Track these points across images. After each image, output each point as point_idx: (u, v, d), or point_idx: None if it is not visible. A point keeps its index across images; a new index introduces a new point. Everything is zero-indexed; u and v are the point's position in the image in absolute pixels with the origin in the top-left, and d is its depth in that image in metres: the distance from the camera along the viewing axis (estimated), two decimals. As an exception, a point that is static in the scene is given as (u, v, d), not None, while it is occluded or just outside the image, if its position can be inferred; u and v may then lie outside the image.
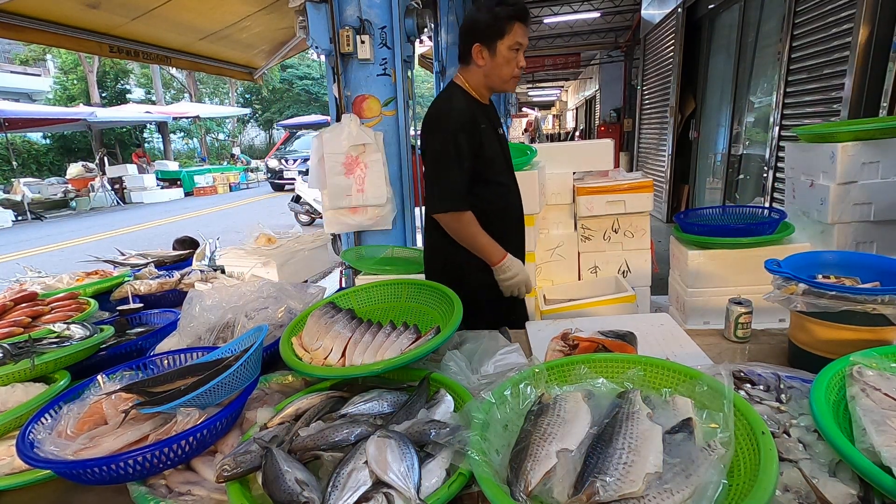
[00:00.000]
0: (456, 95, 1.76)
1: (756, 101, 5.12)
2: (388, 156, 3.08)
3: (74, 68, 21.01)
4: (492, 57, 1.70)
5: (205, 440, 0.98)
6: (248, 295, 1.60)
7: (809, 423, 0.91)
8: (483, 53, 1.70)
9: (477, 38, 1.69)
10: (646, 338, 1.41)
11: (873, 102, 3.18)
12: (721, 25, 6.09)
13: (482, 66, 1.73)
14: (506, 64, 1.71)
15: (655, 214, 7.44)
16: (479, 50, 1.70)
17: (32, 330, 1.51)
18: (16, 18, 3.46)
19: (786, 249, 2.17)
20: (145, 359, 1.29)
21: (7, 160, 15.32)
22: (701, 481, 0.70)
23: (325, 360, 1.22)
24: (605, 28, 12.81)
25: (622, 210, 3.03)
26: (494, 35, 1.67)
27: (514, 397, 0.95)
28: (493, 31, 1.66)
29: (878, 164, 2.13)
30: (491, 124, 1.83)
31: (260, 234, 3.03)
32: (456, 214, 1.74)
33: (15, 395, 1.21)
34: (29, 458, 0.93)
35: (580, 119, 22.10)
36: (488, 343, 1.35)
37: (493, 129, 1.84)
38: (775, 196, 4.36)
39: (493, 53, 1.69)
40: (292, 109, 28.91)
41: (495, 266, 1.77)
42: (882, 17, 3.12)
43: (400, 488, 0.78)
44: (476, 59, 1.72)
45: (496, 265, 1.77)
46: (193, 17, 4.45)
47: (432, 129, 1.76)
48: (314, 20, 2.89)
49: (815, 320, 1.19)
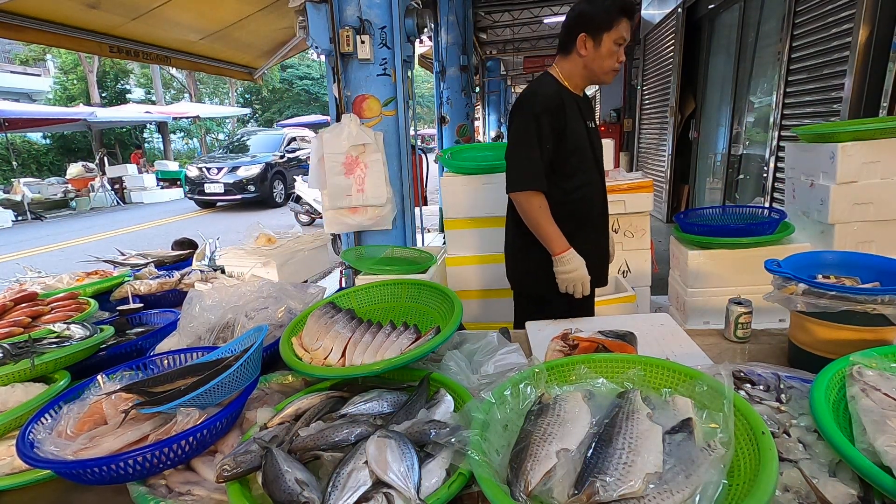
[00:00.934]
0: (546, 82, 1.79)
1: (756, 101, 5.12)
2: (388, 156, 3.08)
3: (74, 68, 21.00)
4: (595, 48, 1.71)
5: (205, 440, 0.98)
6: (248, 295, 1.60)
7: (809, 423, 0.91)
8: (587, 44, 1.71)
9: (584, 29, 1.70)
10: (646, 338, 1.41)
11: (873, 102, 3.18)
12: (721, 25, 6.09)
13: (584, 57, 1.74)
14: (608, 56, 1.73)
15: (655, 214, 7.43)
16: (585, 40, 1.71)
17: (32, 330, 1.51)
18: (16, 18, 3.46)
19: (786, 249, 2.17)
20: (145, 359, 1.29)
21: (7, 160, 15.30)
22: (701, 481, 0.70)
23: (325, 360, 1.22)
24: (605, 28, 12.78)
25: (622, 210, 3.03)
26: (602, 27, 1.68)
27: (514, 397, 0.95)
28: (602, 22, 1.68)
29: (878, 164, 2.13)
30: (581, 114, 1.83)
31: (260, 234, 3.03)
32: (528, 194, 1.75)
33: (15, 395, 1.21)
34: (29, 458, 0.93)
35: (580, 119, 22.07)
36: (488, 343, 1.34)
37: (583, 120, 1.84)
38: (775, 196, 4.36)
39: (597, 45, 1.71)
40: (292, 109, 28.91)
41: (555, 256, 1.77)
42: (882, 17, 3.12)
43: (400, 488, 0.78)
44: (579, 49, 1.73)
45: (556, 255, 1.77)
46: (193, 17, 4.45)
47: (516, 111, 1.78)
48: (314, 20, 2.89)
49: (815, 320, 1.19)
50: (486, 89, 14.56)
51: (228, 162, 12.45)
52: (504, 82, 17.38)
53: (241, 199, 12.05)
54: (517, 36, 12.88)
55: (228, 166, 12.24)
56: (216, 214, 12.12)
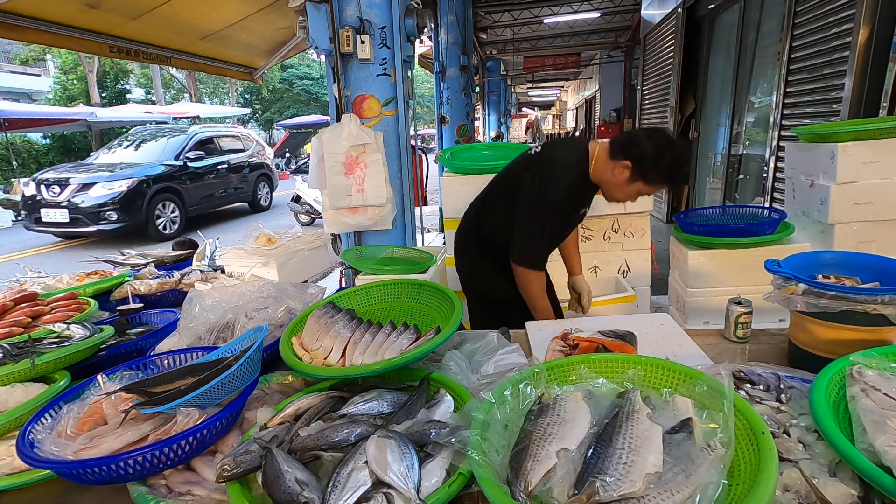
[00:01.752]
0: (581, 164, 1.78)
1: (756, 101, 5.12)
2: (388, 156, 3.08)
3: (74, 68, 20.99)
4: (626, 181, 1.72)
5: (205, 440, 0.98)
6: (248, 295, 1.60)
7: (809, 423, 0.91)
8: (624, 173, 1.71)
9: (632, 160, 1.68)
10: (646, 338, 1.41)
11: (873, 102, 3.18)
12: (721, 25, 6.09)
13: (611, 176, 1.74)
14: (627, 193, 1.77)
15: (655, 214, 7.43)
16: (624, 169, 1.70)
17: (32, 330, 1.51)
18: (16, 18, 3.46)
19: (786, 249, 2.17)
20: (145, 359, 1.29)
21: (7, 160, 15.27)
22: (701, 481, 0.70)
23: (325, 360, 1.22)
24: (605, 28, 12.80)
25: (622, 210, 3.02)
26: (644, 176, 1.69)
27: (514, 397, 0.95)
28: (647, 173, 1.69)
29: (878, 164, 2.13)
30: (583, 201, 1.92)
31: (260, 234, 3.03)
32: (536, 273, 1.88)
33: (15, 395, 1.21)
34: (29, 458, 0.93)
35: (580, 119, 22.11)
36: (488, 343, 1.34)
37: (581, 206, 1.94)
38: (775, 196, 4.35)
39: (629, 180, 1.72)
40: (292, 109, 28.90)
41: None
42: (882, 17, 3.12)
43: (400, 488, 0.78)
44: (615, 168, 1.72)
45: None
46: (193, 17, 4.45)
47: (547, 172, 1.78)
48: (314, 20, 2.89)
49: (815, 320, 1.19)
50: (486, 89, 14.57)
51: (80, 176, 8.12)
52: (504, 82, 17.38)
53: (95, 232, 7.98)
54: (517, 36, 12.88)
55: (78, 182, 7.91)
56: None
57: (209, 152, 9.83)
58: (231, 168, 10.28)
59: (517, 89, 24.02)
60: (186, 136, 9.68)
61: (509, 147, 3.34)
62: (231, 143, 10.62)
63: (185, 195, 9.03)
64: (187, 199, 9.08)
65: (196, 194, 9.35)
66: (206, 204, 9.82)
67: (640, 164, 1.67)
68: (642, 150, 1.65)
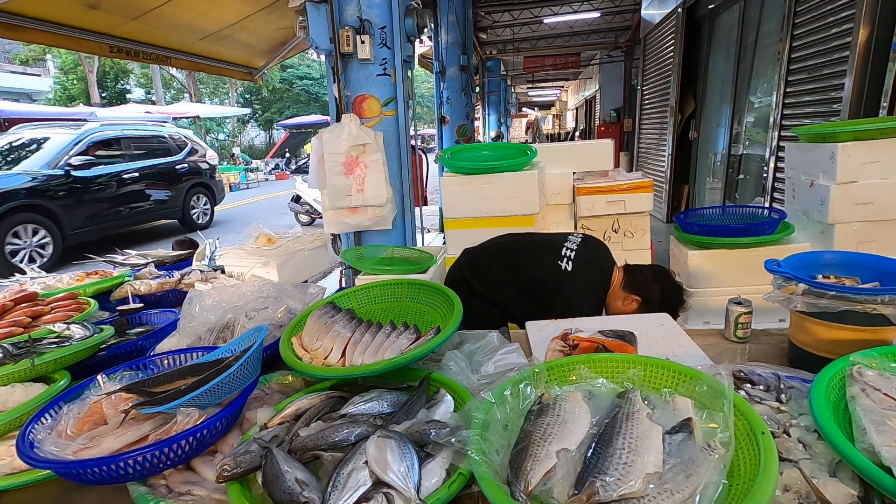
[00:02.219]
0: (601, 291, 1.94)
1: (756, 101, 5.12)
2: (388, 156, 3.08)
3: (74, 68, 21.01)
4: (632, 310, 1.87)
5: (205, 440, 0.98)
6: (248, 295, 1.60)
7: (809, 423, 0.91)
8: (633, 305, 1.88)
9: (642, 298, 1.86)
10: (646, 338, 1.41)
11: (873, 102, 3.18)
12: (721, 25, 6.09)
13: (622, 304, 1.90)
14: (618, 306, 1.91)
15: (655, 214, 7.43)
16: (633, 302, 1.87)
17: (32, 330, 1.51)
18: (16, 18, 3.46)
19: (786, 249, 2.17)
20: (145, 359, 1.29)
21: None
22: (701, 481, 0.70)
23: (325, 360, 1.22)
24: (605, 28, 12.80)
25: (622, 210, 3.03)
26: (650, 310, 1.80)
27: (514, 397, 0.95)
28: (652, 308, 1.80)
29: (878, 164, 2.13)
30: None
31: (260, 234, 3.03)
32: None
33: (15, 395, 1.21)
34: (29, 458, 0.93)
35: (580, 119, 22.10)
36: (488, 343, 1.35)
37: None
38: (775, 196, 4.36)
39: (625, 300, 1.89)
40: (292, 109, 28.91)
41: None
42: (882, 17, 3.12)
43: (400, 488, 0.78)
44: (625, 298, 1.89)
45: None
46: (193, 17, 4.45)
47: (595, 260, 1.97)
48: (314, 20, 2.88)
49: (815, 320, 1.19)
50: (486, 89, 14.55)
51: None
52: (504, 82, 17.38)
53: None
54: (517, 36, 12.88)
55: None
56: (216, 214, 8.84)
57: (110, 157, 7.55)
58: (146, 177, 7.97)
59: (517, 89, 24.01)
60: (76, 136, 7.29)
61: (509, 147, 3.33)
62: (150, 146, 8.33)
63: (61, 216, 6.67)
64: (66, 222, 6.73)
65: (81, 214, 6.98)
66: (99, 225, 7.28)
67: (647, 302, 1.87)
68: (651, 292, 1.87)
